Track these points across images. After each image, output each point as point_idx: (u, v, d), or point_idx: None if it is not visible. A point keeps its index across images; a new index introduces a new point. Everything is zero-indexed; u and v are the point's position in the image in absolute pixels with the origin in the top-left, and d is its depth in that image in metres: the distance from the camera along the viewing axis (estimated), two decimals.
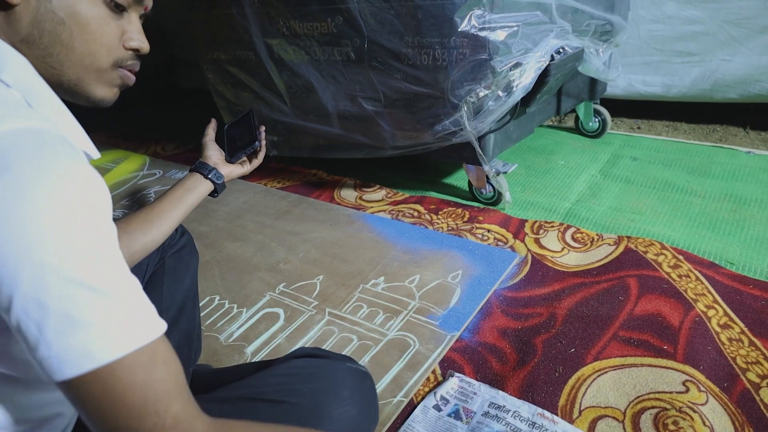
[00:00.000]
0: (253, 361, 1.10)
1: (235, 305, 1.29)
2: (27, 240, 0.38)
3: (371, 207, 1.66)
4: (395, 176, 1.82)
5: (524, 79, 1.29)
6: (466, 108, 1.30)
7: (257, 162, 1.01)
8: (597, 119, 1.91)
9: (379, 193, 1.74)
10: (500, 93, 1.30)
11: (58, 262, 0.39)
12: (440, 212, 1.57)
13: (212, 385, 0.87)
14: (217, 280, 1.39)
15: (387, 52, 1.35)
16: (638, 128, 2.02)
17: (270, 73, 1.70)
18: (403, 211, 1.61)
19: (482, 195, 1.59)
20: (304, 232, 1.56)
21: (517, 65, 1.27)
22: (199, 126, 1.04)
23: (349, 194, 1.76)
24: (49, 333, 0.39)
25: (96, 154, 0.53)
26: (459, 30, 1.19)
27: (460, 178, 1.76)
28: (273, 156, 1.87)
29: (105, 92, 0.55)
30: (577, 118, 1.96)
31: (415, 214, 1.58)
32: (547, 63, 1.31)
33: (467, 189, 1.65)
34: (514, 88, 1.29)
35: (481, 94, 1.28)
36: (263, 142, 0.99)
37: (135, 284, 0.44)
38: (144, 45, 0.56)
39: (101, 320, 0.41)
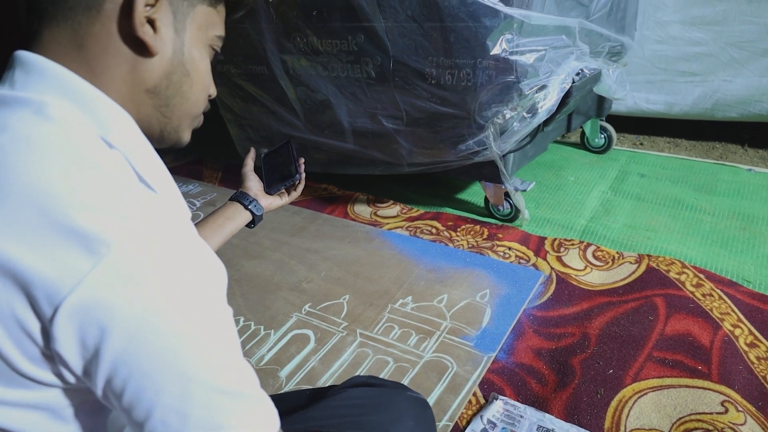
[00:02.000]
0: (295, 387, 1.08)
1: (262, 327, 1.27)
2: (170, 350, 0.38)
3: (387, 223, 1.66)
4: (408, 192, 1.83)
5: (548, 101, 1.32)
6: (492, 129, 1.32)
7: (296, 194, 0.99)
8: (603, 135, 1.95)
9: (393, 209, 1.74)
10: (525, 114, 1.32)
11: (200, 372, 0.39)
12: (458, 229, 1.58)
13: None
14: (239, 300, 1.37)
15: (413, 72, 1.35)
16: (641, 144, 2.07)
17: (284, 88, 1.69)
18: (421, 227, 1.61)
19: (499, 212, 1.61)
20: (323, 250, 1.55)
21: (542, 87, 1.29)
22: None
23: (363, 210, 1.76)
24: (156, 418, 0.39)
25: (188, 213, 0.51)
26: (491, 54, 1.20)
27: (473, 194, 1.78)
28: None
29: (189, 135, 0.57)
30: (582, 134, 2.01)
31: (434, 231, 1.59)
32: (570, 85, 1.34)
33: (482, 205, 1.67)
34: (539, 110, 1.32)
35: (508, 116, 1.30)
36: (303, 175, 0.98)
37: (254, 376, 0.44)
38: (215, 90, 0.59)
39: (237, 424, 0.41)
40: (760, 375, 1.01)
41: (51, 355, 0.38)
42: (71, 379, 0.40)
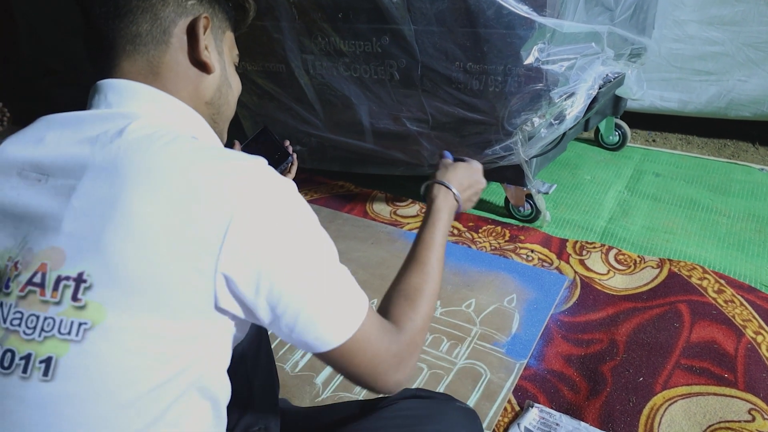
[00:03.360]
0: (332, 394, 1.11)
1: None
2: (302, 237, 0.51)
3: (408, 223, 1.67)
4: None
5: (575, 108, 1.33)
6: (520, 135, 1.33)
7: (291, 176, 0.99)
8: (617, 133, 1.97)
9: (412, 208, 1.75)
10: (553, 121, 1.33)
11: (321, 258, 0.52)
12: (480, 230, 1.60)
13: (311, 426, 0.88)
14: None
15: (441, 78, 1.35)
16: (653, 141, 2.09)
17: (303, 87, 1.68)
18: None
19: (519, 212, 1.63)
20: (346, 251, 1.56)
21: (570, 95, 1.30)
22: None
23: (382, 209, 1.77)
24: (307, 316, 0.50)
25: None
26: (524, 63, 1.21)
27: (492, 193, 1.79)
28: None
29: (226, 137, 0.68)
30: (597, 131, 2.02)
31: (455, 231, 1.61)
32: (597, 92, 1.35)
33: (502, 205, 1.69)
34: (566, 116, 1.33)
35: (536, 123, 1.31)
36: (294, 155, 0.98)
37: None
38: None
39: (339, 301, 0.52)
40: None
41: (224, 282, 0.48)
42: (236, 293, 0.49)
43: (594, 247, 1.48)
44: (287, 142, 0.96)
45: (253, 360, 0.93)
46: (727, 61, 1.82)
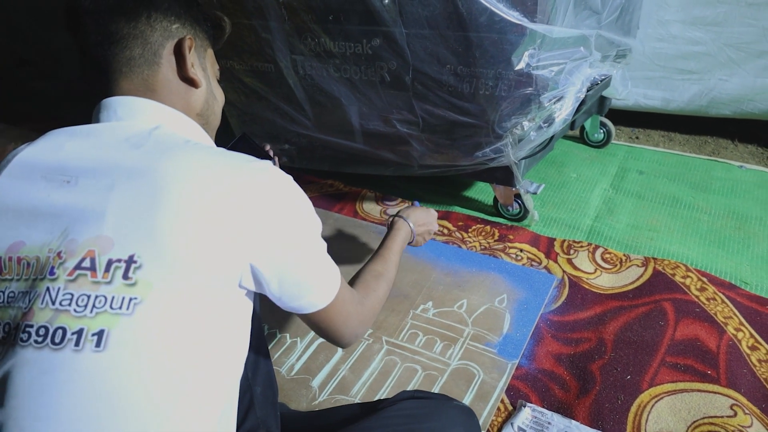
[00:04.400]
0: (329, 397, 1.12)
1: (288, 334, 1.31)
2: (306, 222, 0.62)
3: None
4: (415, 189, 1.85)
5: (564, 111, 1.35)
6: (510, 138, 1.35)
7: None
8: (602, 130, 2.01)
9: (402, 207, 1.76)
10: (542, 124, 1.35)
11: (315, 237, 0.64)
12: (469, 230, 1.62)
13: (312, 429, 0.91)
14: (260, 306, 1.39)
15: (432, 81, 1.36)
16: (637, 138, 2.14)
17: (292, 87, 1.67)
18: None
19: (508, 212, 1.65)
20: (339, 252, 1.55)
21: (560, 99, 1.32)
22: None
23: (372, 208, 1.78)
24: (304, 285, 0.62)
25: None
26: (515, 69, 1.22)
27: (481, 192, 1.82)
28: (288, 167, 1.86)
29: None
30: (582, 129, 2.05)
31: (445, 231, 1.63)
32: (585, 94, 1.37)
33: (491, 204, 1.71)
34: (555, 120, 1.35)
35: (526, 126, 1.33)
36: (276, 159, 1.00)
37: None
38: None
39: (327, 272, 0.65)
40: (762, 378, 1.10)
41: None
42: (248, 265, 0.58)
43: (581, 246, 1.51)
44: (267, 146, 0.97)
45: (253, 367, 0.94)
46: (708, 60, 1.86)
